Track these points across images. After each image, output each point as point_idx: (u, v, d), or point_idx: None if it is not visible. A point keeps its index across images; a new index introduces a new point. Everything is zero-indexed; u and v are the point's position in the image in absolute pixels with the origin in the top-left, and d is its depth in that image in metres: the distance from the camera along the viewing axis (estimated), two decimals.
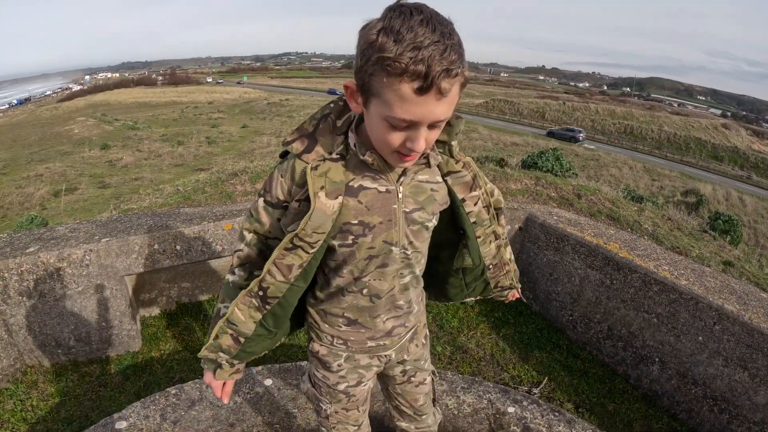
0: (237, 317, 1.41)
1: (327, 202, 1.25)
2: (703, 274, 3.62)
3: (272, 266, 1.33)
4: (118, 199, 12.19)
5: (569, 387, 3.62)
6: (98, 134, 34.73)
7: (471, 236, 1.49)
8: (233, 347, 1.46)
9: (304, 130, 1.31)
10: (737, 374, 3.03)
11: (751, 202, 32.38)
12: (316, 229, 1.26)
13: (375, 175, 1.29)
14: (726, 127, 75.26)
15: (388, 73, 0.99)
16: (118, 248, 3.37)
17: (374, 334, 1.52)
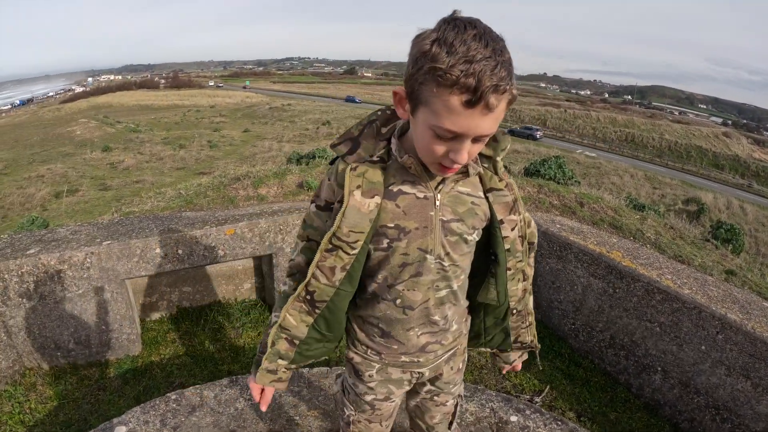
0: (289, 322, 1.44)
1: (362, 200, 1.27)
2: (705, 283, 3.61)
3: (315, 269, 1.35)
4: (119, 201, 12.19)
5: (571, 396, 3.60)
6: (100, 136, 34.75)
7: (502, 263, 1.44)
8: (290, 350, 1.49)
9: (350, 134, 1.34)
10: (740, 383, 3.02)
11: (752, 211, 32.38)
12: (353, 228, 1.28)
13: (414, 181, 1.30)
14: (727, 136, 75.33)
15: (438, 83, 1.00)
16: (120, 251, 3.36)
17: (407, 349, 1.49)
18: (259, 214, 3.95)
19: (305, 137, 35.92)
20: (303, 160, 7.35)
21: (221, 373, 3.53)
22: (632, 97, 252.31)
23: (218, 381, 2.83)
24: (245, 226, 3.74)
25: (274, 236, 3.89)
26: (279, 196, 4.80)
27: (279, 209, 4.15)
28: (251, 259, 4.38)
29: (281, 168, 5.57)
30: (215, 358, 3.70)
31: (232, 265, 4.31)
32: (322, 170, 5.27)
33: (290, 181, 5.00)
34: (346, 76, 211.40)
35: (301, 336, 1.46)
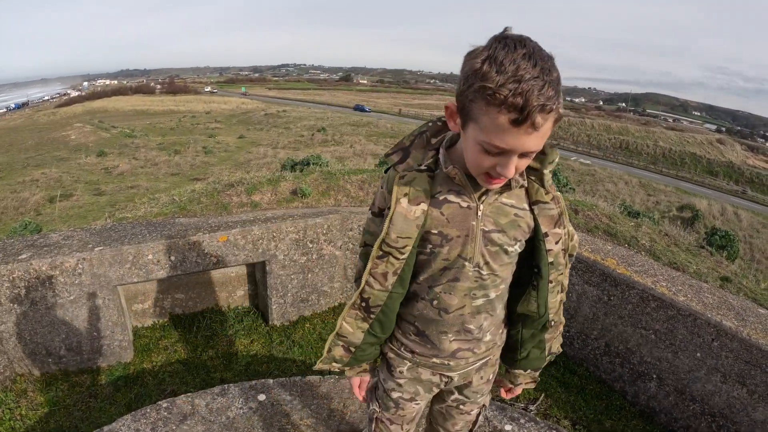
0: (345, 330, 1.53)
1: (408, 207, 1.34)
2: (700, 290, 3.60)
3: (369, 276, 1.43)
4: (114, 206, 12.14)
5: (566, 404, 3.59)
6: (95, 141, 34.74)
7: (545, 276, 1.45)
8: (345, 356, 1.58)
9: (402, 144, 1.42)
10: (736, 390, 3.01)
11: (747, 217, 32.57)
12: (401, 234, 1.35)
13: (459, 191, 1.34)
14: (721, 143, 75.83)
15: (487, 101, 1.04)
16: (112, 257, 3.33)
17: (439, 352, 1.53)
18: (252, 221, 3.93)
19: (300, 144, 35.98)
20: (297, 167, 7.34)
21: (213, 380, 3.50)
22: (627, 104, 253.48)
23: (210, 389, 2.82)
24: (238, 233, 3.72)
25: (267, 243, 3.87)
26: (272, 203, 4.79)
27: (272, 216, 4.13)
28: (244, 266, 4.35)
29: (275, 175, 5.56)
30: (208, 366, 3.67)
31: (225, 272, 4.28)
32: (316, 177, 5.27)
33: (284, 188, 4.99)
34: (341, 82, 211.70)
35: (357, 342, 1.55)
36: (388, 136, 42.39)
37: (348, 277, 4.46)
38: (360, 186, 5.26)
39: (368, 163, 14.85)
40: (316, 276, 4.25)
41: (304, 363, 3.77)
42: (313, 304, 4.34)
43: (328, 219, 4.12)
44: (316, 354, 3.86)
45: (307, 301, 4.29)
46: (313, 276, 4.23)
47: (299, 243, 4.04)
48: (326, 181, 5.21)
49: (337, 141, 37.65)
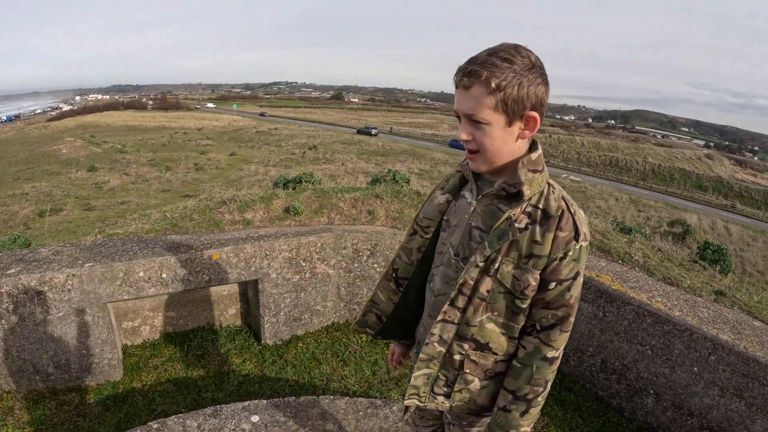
0: (378, 297, 1.76)
1: (438, 195, 1.64)
2: (695, 304, 3.59)
3: (400, 250, 1.71)
4: (104, 222, 12.05)
5: (563, 421, 3.55)
6: (86, 156, 34.62)
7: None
8: (377, 324, 1.79)
9: None
10: (734, 404, 2.99)
11: (737, 231, 32.77)
12: (426, 215, 1.63)
13: (471, 188, 1.54)
14: (709, 158, 76.50)
15: None
16: (102, 274, 3.28)
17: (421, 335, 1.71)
18: (244, 239, 3.89)
19: (292, 161, 35.98)
20: (290, 185, 7.30)
21: (205, 401, 3.44)
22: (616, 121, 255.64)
23: (202, 410, 2.76)
24: (230, 251, 3.68)
25: (259, 262, 3.83)
26: (265, 220, 4.75)
27: (265, 234, 4.10)
28: (237, 285, 4.31)
29: (267, 192, 5.52)
30: (199, 386, 3.61)
31: (217, 290, 4.23)
32: (309, 195, 5.23)
33: (277, 205, 4.95)
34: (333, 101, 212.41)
35: (387, 311, 1.76)
36: (379, 154, 42.51)
37: (341, 296, 4.41)
38: (353, 204, 5.23)
39: (360, 181, 14.86)
40: (309, 295, 4.20)
41: (297, 383, 3.71)
42: (306, 323, 4.29)
43: (322, 237, 4.09)
44: (310, 374, 3.81)
45: (300, 320, 4.24)
46: (306, 295, 4.19)
47: (292, 261, 4.00)
48: (319, 198, 5.18)
49: (328, 159, 37.70)
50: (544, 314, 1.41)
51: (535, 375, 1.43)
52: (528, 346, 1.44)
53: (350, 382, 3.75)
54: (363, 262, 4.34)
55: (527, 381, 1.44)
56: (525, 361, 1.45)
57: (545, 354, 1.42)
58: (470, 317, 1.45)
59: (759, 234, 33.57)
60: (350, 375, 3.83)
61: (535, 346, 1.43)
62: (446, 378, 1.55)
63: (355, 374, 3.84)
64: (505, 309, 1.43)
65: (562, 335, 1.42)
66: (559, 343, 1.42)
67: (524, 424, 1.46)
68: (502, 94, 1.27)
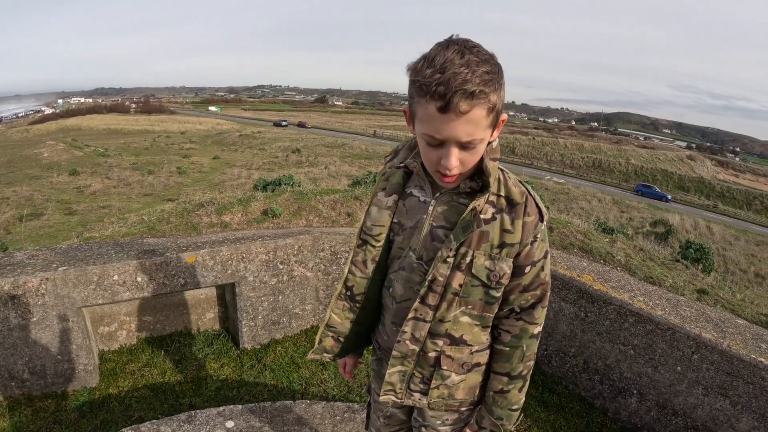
0: (334, 320, 1.63)
1: (383, 198, 1.50)
2: (678, 303, 3.58)
3: (350, 265, 1.56)
4: (85, 226, 11.90)
5: (546, 423, 3.52)
6: (68, 159, 34.25)
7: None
8: (335, 346, 1.67)
9: (397, 148, 1.56)
10: (718, 403, 2.98)
11: (719, 230, 33.17)
12: (375, 222, 1.50)
13: (422, 186, 1.45)
14: (691, 159, 77.40)
15: (420, 93, 1.14)
16: (76, 278, 3.21)
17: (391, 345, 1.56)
18: (221, 242, 3.83)
19: (275, 165, 35.85)
20: (269, 187, 7.26)
21: (182, 406, 3.37)
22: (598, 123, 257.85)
23: (176, 416, 2.70)
24: (207, 253, 3.62)
25: (236, 264, 3.77)
26: (243, 223, 4.70)
27: (242, 237, 4.03)
28: (214, 288, 4.24)
29: (246, 195, 5.48)
30: (176, 391, 3.54)
31: (194, 294, 4.16)
32: (288, 197, 5.19)
33: (255, 208, 4.90)
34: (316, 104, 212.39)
35: (345, 332, 1.64)
36: (362, 157, 42.48)
37: (320, 299, 4.36)
38: (332, 206, 5.19)
39: (342, 184, 14.83)
40: (288, 298, 4.14)
41: (276, 387, 3.66)
42: (284, 326, 4.22)
43: (299, 240, 4.03)
44: (288, 378, 3.75)
45: (278, 324, 4.17)
46: (284, 298, 4.13)
47: (269, 264, 3.94)
48: (297, 201, 5.13)
49: (311, 162, 37.62)
50: (524, 297, 1.44)
51: (527, 353, 1.49)
52: (513, 329, 1.49)
53: (330, 386, 3.70)
54: (341, 264, 4.29)
55: (520, 360, 1.49)
56: (514, 344, 1.49)
57: (532, 332, 1.48)
58: (444, 313, 1.43)
59: (741, 233, 34.03)
60: (330, 379, 3.78)
61: (521, 327, 1.47)
62: (422, 375, 1.55)
63: (335, 378, 3.79)
64: (478, 301, 1.43)
65: (543, 311, 1.47)
66: (541, 318, 1.48)
67: (522, 398, 1.53)
68: (496, 108, 1.18)
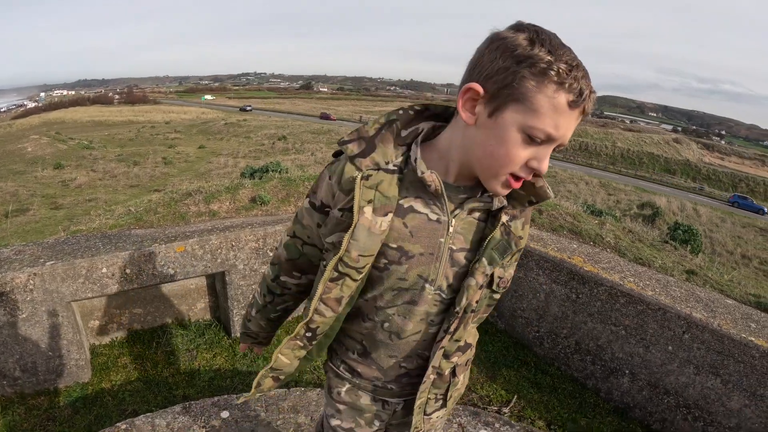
0: (281, 363, 1.33)
1: (374, 219, 1.09)
2: (668, 284, 3.61)
3: (319, 304, 1.19)
4: (71, 220, 11.80)
5: (539, 404, 3.55)
6: (52, 153, 33.86)
7: None
8: (274, 385, 1.41)
9: (364, 132, 1.14)
10: (709, 381, 3.01)
11: (705, 212, 33.51)
12: (364, 252, 1.11)
13: (429, 200, 1.13)
14: (677, 142, 77.97)
15: (549, 79, 0.92)
16: (64, 272, 3.17)
17: (384, 375, 1.34)
18: (210, 231, 3.80)
19: (261, 152, 35.69)
20: (256, 175, 7.22)
21: (176, 398, 3.35)
22: None
23: (171, 408, 2.69)
24: (196, 243, 3.59)
25: (226, 253, 3.75)
26: (231, 211, 4.66)
27: (231, 225, 4.00)
28: (204, 278, 4.21)
29: (233, 183, 5.43)
30: (169, 383, 3.53)
31: (184, 284, 4.13)
32: (276, 184, 5.14)
33: (243, 195, 4.87)
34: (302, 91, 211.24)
35: (291, 371, 1.37)
36: None
37: None
38: None
39: None
40: None
41: None
42: None
43: None
44: None
45: None
46: None
47: (259, 252, 3.91)
48: (286, 188, 5.10)
49: (298, 149, 37.45)
50: None
51: None
52: None
53: (323, 373, 3.70)
54: None
55: None
56: None
57: None
58: (461, 334, 1.29)
59: (727, 215, 34.40)
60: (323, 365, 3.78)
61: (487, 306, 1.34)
62: (436, 393, 1.40)
63: None
64: (486, 307, 1.30)
65: None
66: None
67: None
68: None
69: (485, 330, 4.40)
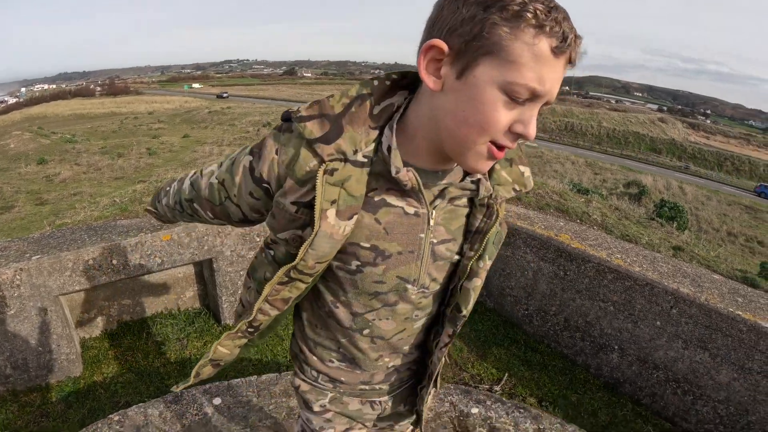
0: (221, 354, 1.22)
1: (337, 223, 0.91)
2: (655, 260, 3.63)
3: (264, 304, 1.06)
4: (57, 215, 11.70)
5: (530, 381, 3.58)
6: (35, 148, 33.51)
7: None
8: (213, 372, 1.31)
9: (327, 107, 0.90)
10: (698, 355, 3.04)
11: (691, 191, 33.83)
12: (321, 259, 0.95)
13: (405, 191, 0.96)
14: (663, 121, 78.45)
15: (526, 22, 0.74)
16: (50, 266, 3.14)
17: (371, 378, 1.23)
18: None
19: (246, 140, 35.46)
20: None
21: (168, 387, 3.35)
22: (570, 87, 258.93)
23: (163, 397, 2.69)
24: (182, 230, 3.56)
25: (213, 240, 3.73)
26: None
27: None
28: (192, 266, 4.19)
29: None
30: (161, 373, 3.52)
31: (172, 273, 4.11)
32: None
33: None
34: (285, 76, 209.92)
35: (230, 360, 1.28)
36: None
37: None
38: None
39: None
40: None
41: (261, 361, 3.65)
42: None
43: None
44: (272, 351, 3.74)
45: None
46: None
47: (246, 237, 3.90)
48: None
49: None
50: None
51: None
52: None
53: None
54: None
55: None
56: None
57: None
58: None
59: (713, 194, 34.77)
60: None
61: None
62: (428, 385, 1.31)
63: None
64: None
65: None
66: None
67: None
68: None
69: (474, 309, 4.42)
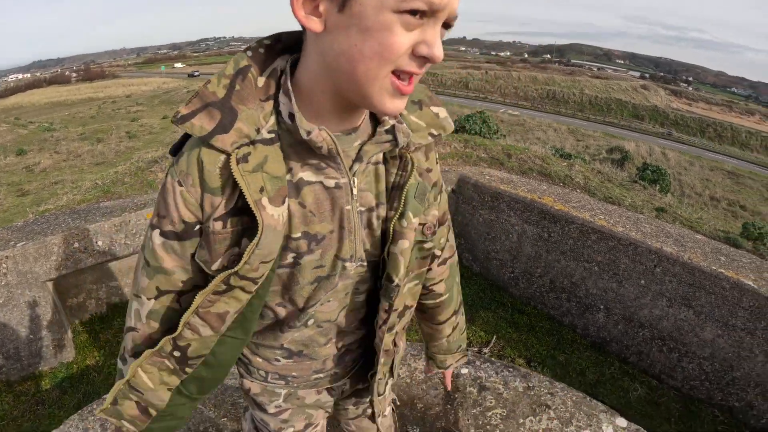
0: (142, 383, 0.93)
1: (274, 212, 0.78)
2: (638, 221, 3.68)
3: (194, 317, 0.86)
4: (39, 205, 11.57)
5: (518, 343, 3.63)
6: (12, 139, 32.96)
7: None
8: (140, 420, 0.99)
9: (209, 95, 0.77)
10: (682, 313, 3.10)
11: (674, 156, 34.08)
12: (266, 258, 0.81)
13: (319, 162, 0.84)
14: (645, 88, 78.59)
15: None
16: (36, 251, 3.13)
17: (324, 365, 1.14)
18: None
19: None
20: None
21: None
22: (551, 55, 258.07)
23: None
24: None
25: None
26: None
27: None
28: None
29: None
30: None
31: None
32: None
33: None
34: None
35: (159, 404, 0.97)
36: None
37: None
38: None
39: None
40: None
41: None
42: None
43: None
44: None
45: None
46: None
47: None
48: None
49: None
50: (442, 231, 1.14)
51: (458, 280, 1.32)
52: (443, 274, 1.24)
53: None
54: None
55: (458, 292, 1.34)
56: (449, 285, 1.27)
57: (455, 261, 1.27)
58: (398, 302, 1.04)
59: (695, 159, 35.06)
60: None
61: (451, 264, 1.25)
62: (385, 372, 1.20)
63: None
64: (418, 261, 1.03)
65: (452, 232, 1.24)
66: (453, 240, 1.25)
67: None
68: None
69: (461, 274, 4.46)
